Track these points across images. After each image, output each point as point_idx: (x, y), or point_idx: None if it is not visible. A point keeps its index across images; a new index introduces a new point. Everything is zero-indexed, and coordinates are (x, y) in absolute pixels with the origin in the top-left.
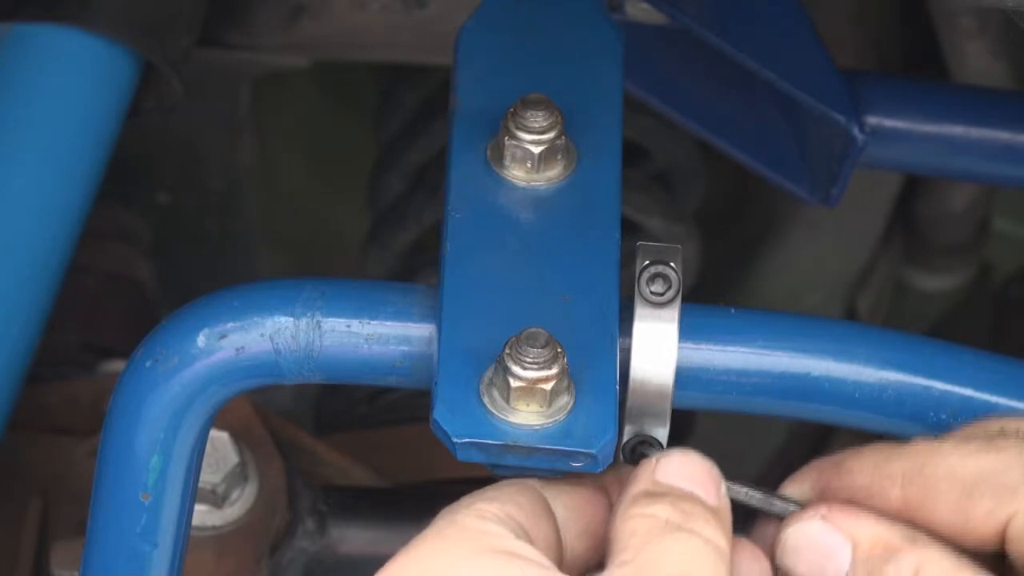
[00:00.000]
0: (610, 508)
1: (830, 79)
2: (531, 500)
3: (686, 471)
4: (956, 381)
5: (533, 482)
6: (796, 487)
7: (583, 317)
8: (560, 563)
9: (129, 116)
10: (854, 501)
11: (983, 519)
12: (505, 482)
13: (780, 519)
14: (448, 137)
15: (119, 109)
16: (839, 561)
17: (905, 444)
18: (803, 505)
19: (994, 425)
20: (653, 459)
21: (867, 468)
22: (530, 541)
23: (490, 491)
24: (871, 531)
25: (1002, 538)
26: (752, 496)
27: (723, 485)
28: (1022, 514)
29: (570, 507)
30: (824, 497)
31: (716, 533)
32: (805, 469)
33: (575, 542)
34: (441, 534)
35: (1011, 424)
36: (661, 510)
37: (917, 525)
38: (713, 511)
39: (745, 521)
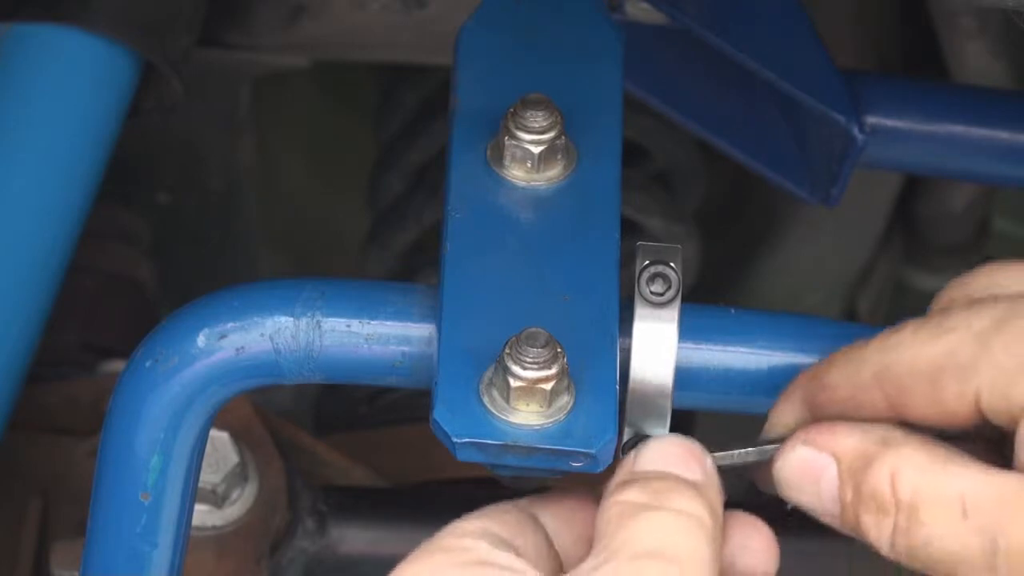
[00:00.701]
0: None
1: (830, 79)
2: (514, 515)
3: (662, 454)
4: None
5: (521, 500)
6: (788, 407)
7: (583, 317)
8: (558, 570)
9: (129, 116)
10: (844, 414)
11: (955, 403)
12: (495, 504)
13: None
14: (448, 137)
15: (119, 109)
16: (828, 479)
17: (869, 344)
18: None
19: (944, 301)
20: (632, 453)
21: (843, 381)
22: (514, 552)
23: (474, 512)
24: (849, 442)
25: (981, 412)
26: (747, 454)
27: (708, 460)
28: (985, 387)
29: (560, 517)
30: (814, 413)
31: (693, 504)
32: (791, 387)
33: (574, 548)
34: (420, 556)
35: (958, 292)
36: (631, 494)
37: (908, 422)
38: (692, 485)
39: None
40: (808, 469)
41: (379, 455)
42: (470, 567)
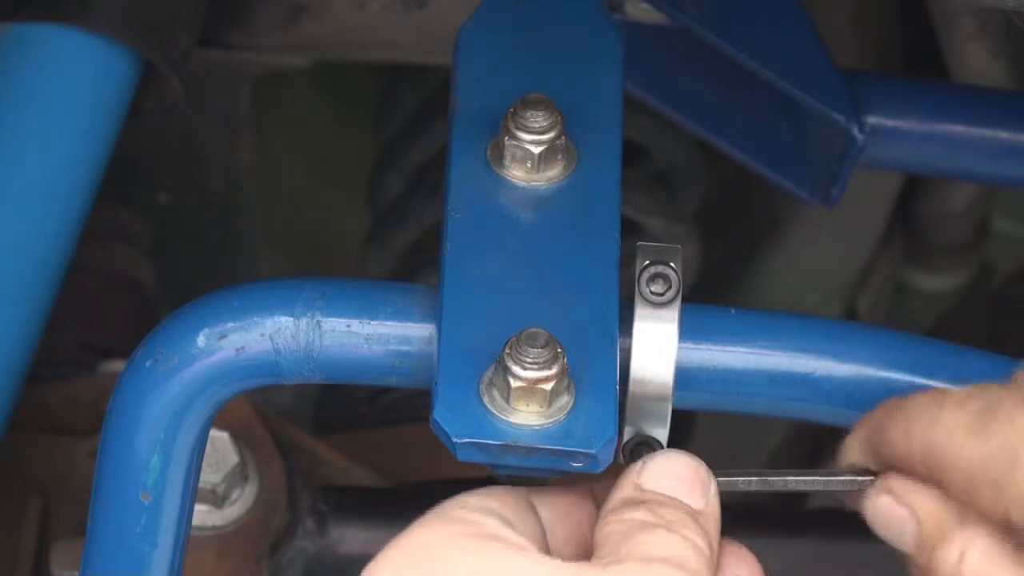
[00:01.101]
0: (598, 515)
1: (830, 79)
2: (516, 499)
3: (669, 474)
4: (956, 381)
5: (520, 488)
6: (855, 444)
7: (583, 317)
8: None
9: (129, 116)
10: (901, 471)
11: (990, 506)
12: (493, 486)
13: (782, 493)
14: (448, 137)
15: (119, 109)
16: (911, 535)
17: (925, 410)
18: (785, 479)
19: (992, 394)
20: (638, 464)
21: (899, 442)
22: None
23: (478, 489)
24: (929, 508)
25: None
26: (750, 482)
27: (713, 484)
28: (1014, 505)
29: (556, 511)
30: (876, 460)
31: (695, 534)
32: (859, 426)
33: (563, 547)
34: (425, 524)
35: (1009, 392)
36: (639, 515)
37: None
38: (694, 514)
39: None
40: (892, 519)
41: (379, 455)
42: (481, 540)
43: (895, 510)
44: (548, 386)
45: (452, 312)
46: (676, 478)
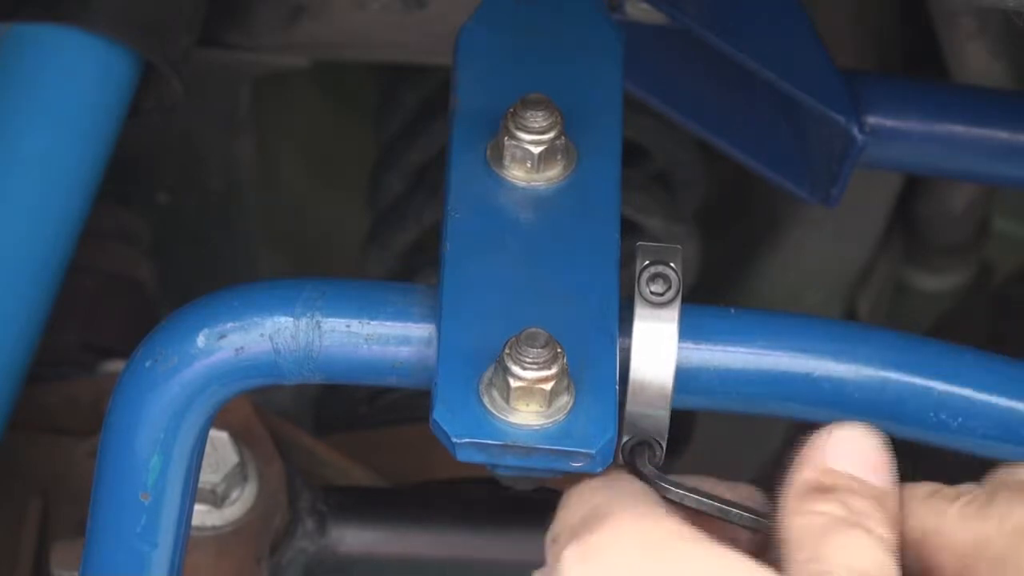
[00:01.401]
0: None
1: (830, 79)
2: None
3: (855, 454)
4: (956, 381)
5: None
6: None
7: (583, 317)
8: None
9: (129, 116)
10: None
11: None
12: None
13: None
14: (448, 137)
15: (119, 109)
16: None
17: (926, 494)
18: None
19: (998, 478)
20: (822, 438)
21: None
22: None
23: (617, 475)
24: None
25: None
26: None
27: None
28: None
29: None
30: None
31: (883, 526)
32: None
33: None
34: (634, 513)
35: (1015, 476)
36: (830, 507)
37: None
38: (880, 498)
39: None
40: None
41: (379, 455)
42: (696, 541)
43: None
44: (548, 386)
45: (452, 312)
46: (862, 456)
